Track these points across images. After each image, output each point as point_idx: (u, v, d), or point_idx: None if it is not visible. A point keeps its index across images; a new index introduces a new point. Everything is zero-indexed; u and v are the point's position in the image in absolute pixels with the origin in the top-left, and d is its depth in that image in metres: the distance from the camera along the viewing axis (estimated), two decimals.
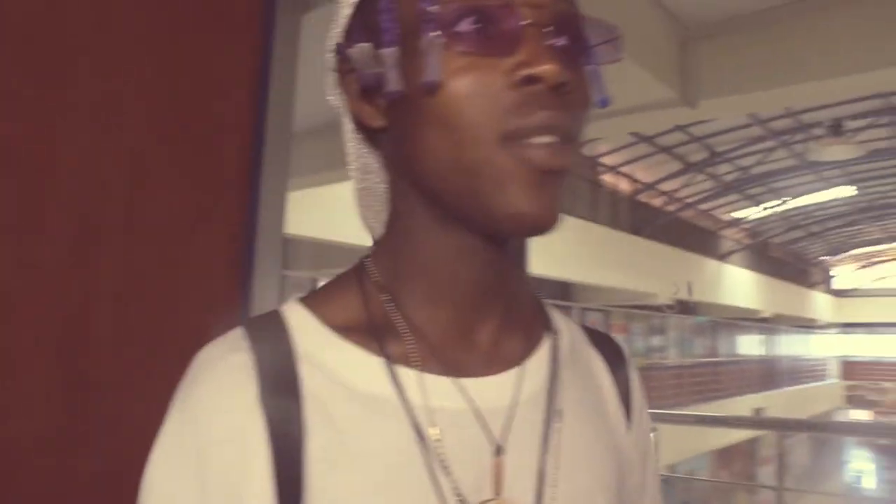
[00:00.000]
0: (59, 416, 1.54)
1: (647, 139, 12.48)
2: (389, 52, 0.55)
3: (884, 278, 29.48)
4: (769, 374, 24.55)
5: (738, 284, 19.77)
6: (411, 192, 0.60)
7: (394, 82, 0.55)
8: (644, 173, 15.28)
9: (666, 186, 15.84)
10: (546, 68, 0.52)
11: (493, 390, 0.59)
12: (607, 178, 15.16)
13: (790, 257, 25.05)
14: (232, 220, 2.16)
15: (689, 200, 16.82)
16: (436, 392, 0.57)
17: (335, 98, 0.64)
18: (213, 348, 0.60)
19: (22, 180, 1.50)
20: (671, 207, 16.81)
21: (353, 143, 0.66)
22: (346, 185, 0.69)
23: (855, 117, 11.71)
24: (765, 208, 18.44)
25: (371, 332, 0.59)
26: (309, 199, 7.38)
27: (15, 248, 1.48)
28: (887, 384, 28.29)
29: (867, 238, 24.62)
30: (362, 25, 0.59)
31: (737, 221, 19.75)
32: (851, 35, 4.21)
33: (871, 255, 27.87)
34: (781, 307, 23.07)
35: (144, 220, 1.93)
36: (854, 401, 28.74)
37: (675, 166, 14.53)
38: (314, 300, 0.62)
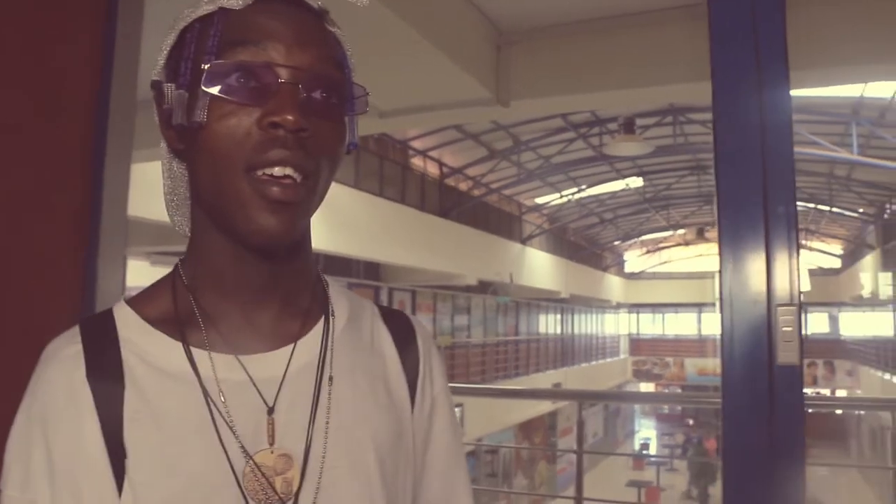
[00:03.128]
0: None
1: (456, 126, 12.88)
2: (178, 94, 0.71)
3: (666, 262, 32.23)
4: (567, 351, 26.17)
5: (539, 266, 20.88)
6: (199, 207, 0.75)
7: (177, 118, 0.71)
8: (452, 158, 15.75)
9: (472, 171, 16.42)
10: (285, 117, 0.66)
11: (268, 364, 0.74)
12: (416, 162, 15.49)
13: (586, 242, 26.74)
14: (74, 200, 2.09)
15: (494, 186, 17.54)
16: (222, 367, 0.72)
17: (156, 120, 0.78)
18: (54, 343, 0.75)
19: None
20: (477, 192, 17.44)
21: (165, 158, 0.80)
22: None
23: (644, 116, 12.80)
24: (563, 195, 19.58)
25: (176, 323, 0.74)
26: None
27: None
28: (668, 359, 31.01)
29: (653, 226, 26.78)
30: (173, 68, 0.73)
31: (538, 207, 20.83)
32: (649, 52, 4.68)
33: (657, 241, 30.36)
34: (578, 288, 24.58)
35: None
36: (640, 375, 31.28)
37: (482, 152, 15.10)
38: (137, 299, 0.77)
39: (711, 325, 30.46)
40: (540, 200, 20.24)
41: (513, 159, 15.83)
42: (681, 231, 28.10)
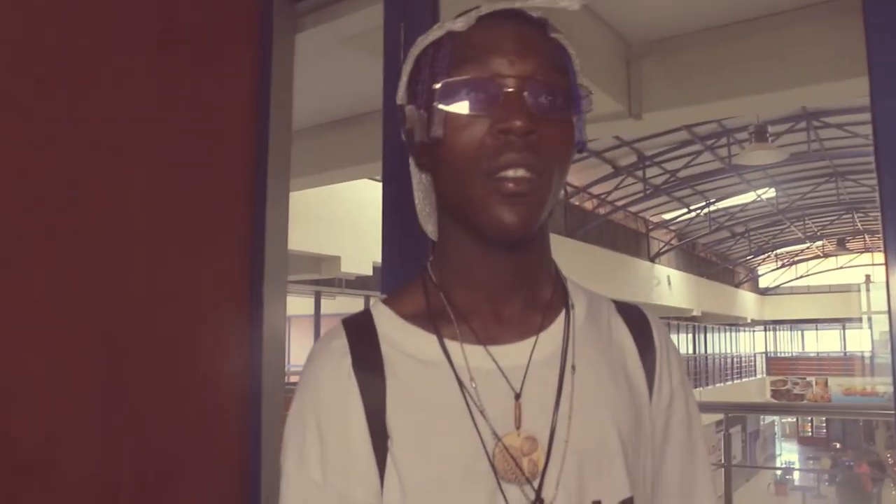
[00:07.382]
0: (95, 417, 1.67)
1: None
2: (418, 114, 0.79)
3: (804, 276, 30.69)
4: (700, 371, 25.27)
5: (669, 284, 20.34)
6: (445, 212, 0.83)
7: (418, 135, 0.79)
8: (575, 177, 15.66)
9: (597, 190, 16.26)
10: (514, 123, 0.72)
11: (513, 354, 0.80)
12: None
13: (717, 257, 25.86)
14: (239, 232, 2.24)
15: (620, 203, 17.30)
16: (473, 357, 0.79)
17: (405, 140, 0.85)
18: (321, 341, 0.83)
19: (53, 207, 1.64)
20: (602, 210, 17.24)
21: (414, 173, 0.88)
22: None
23: (775, 123, 12.34)
24: (691, 210, 19.06)
25: (429, 318, 0.81)
26: None
27: (50, 268, 1.61)
28: (810, 378, 29.37)
29: (788, 238, 25.60)
30: (412, 91, 0.82)
31: (665, 223, 20.36)
32: (778, 54, 4.56)
33: (793, 253, 28.99)
34: (710, 306, 23.76)
35: (164, 237, 2.01)
36: (780, 395, 29.74)
37: (606, 169, 14.94)
38: (391, 299, 0.86)
39: (857, 341, 28.74)
40: (667, 216, 19.77)
41: (638, 175, 15.56)
42: (819, 242, 26.74)
